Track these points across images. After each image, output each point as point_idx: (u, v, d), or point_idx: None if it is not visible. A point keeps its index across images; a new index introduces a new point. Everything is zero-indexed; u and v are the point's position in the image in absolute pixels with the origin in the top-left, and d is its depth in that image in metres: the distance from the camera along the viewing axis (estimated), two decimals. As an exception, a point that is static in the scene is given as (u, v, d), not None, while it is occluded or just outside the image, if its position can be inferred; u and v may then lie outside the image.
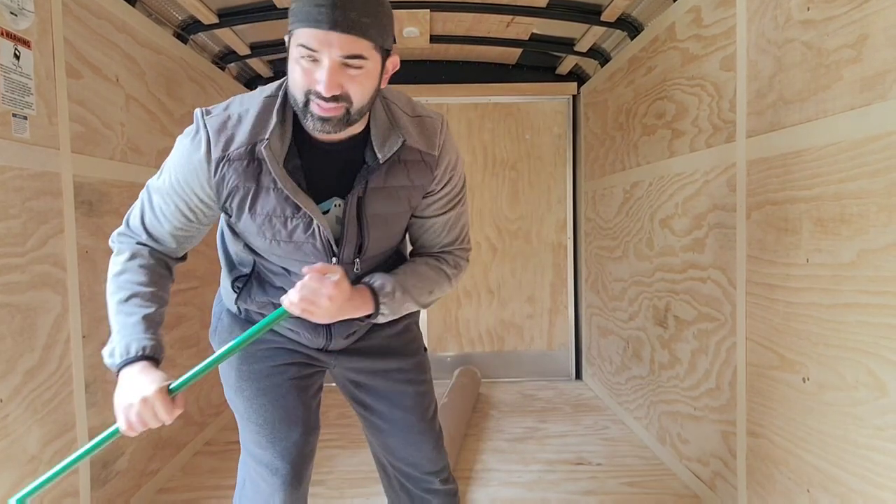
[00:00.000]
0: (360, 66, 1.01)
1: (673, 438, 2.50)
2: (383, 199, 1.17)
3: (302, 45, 0.99)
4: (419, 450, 1.45)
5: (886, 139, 1.31)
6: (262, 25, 3.01)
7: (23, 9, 1.65)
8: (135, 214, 1.22)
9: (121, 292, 1.17)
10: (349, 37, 0.97)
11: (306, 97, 1.02)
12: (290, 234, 1.14)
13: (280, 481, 1.32)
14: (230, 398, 1.39)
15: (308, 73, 1.01)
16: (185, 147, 1.14)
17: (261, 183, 1.11)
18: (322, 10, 0.96)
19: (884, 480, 1.34)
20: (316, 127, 1.04)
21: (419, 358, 1.48)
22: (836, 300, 1.48)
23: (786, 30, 1.66)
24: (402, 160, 1.16)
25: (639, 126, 2.81)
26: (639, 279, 2.86)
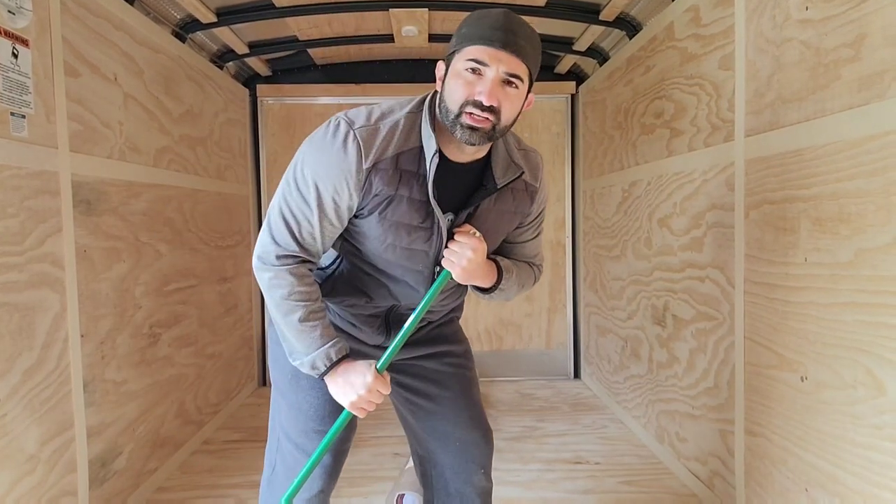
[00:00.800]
0: (516, 87, 1.15)
1: (671, 437, 2.50)
2: (490, 220, 1.30)
3: (472, 59, 1.13)
4: (470, 433, 1.49)
5: (884, 138, 1.31)
6: (261, 24, 3.01)
7: (21, 7, 1.65)
8: (281, 232, 1.23)
9: (297, 311, 1.24)
10: (515, 58, 1.13)
11: (461, 109, 1.14)
12: (411, 241, 1.25)
13: (322, 471, 1.39)
14: (280, 385, 1.43)
15: (470, 85, 1.13)
16: (332, 154, 1.18)
17: (398, 191, 1.20)
18: (497, 32, 1.12)
19: (882, 479, 1.34)
20: (464, 136, 1.15)
21: (467, 346, 1.59)
22: (834, 299, 1.48)
23: (784, 29, 1.67)
24: (511, 188, 1.31)
25: (637, 125, 2.81)
26: (637, 278, 2.86)
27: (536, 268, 1.50)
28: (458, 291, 1.48)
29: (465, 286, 1.45)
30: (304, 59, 3.66)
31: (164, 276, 2.50)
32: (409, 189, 1.21)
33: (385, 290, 1.35)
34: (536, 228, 1.45)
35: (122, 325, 2.16)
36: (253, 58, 3.41)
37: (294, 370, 1.35)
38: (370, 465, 2.52)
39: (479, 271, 1.29)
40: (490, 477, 1.55)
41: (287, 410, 1.41)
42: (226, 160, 3.28)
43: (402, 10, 2.83)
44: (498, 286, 1.36)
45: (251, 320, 3.68)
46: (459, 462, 1.50)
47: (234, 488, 2.37)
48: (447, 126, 1.17)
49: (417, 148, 1.21)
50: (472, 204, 1.26)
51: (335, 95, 3.76)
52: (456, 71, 1.16)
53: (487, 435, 1.53)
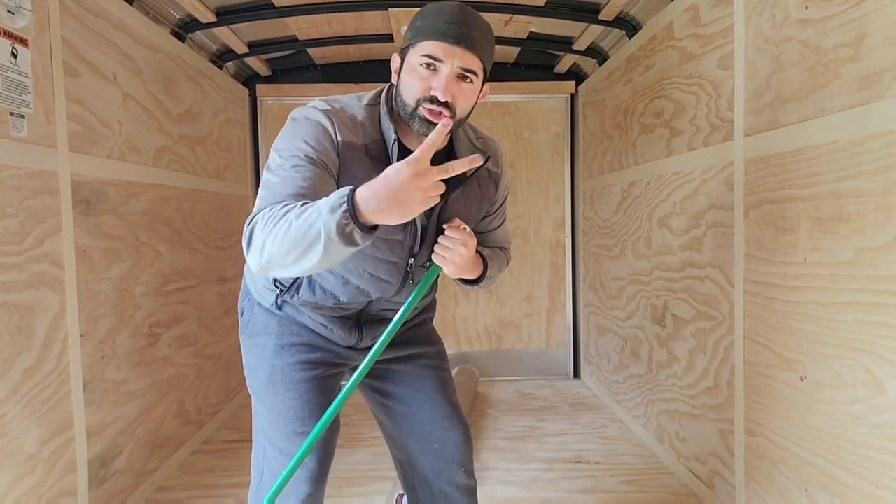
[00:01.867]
0: (471, 81, 1.16)
1: (671, 437, 2.50)
2: (460, 210, 1.31)
3: (426, 55, 1.14)
4: (447, 434, 1.48)
5: (884, 138, 1.31)
6: (261, 24, 3.01)
7: (20, 7, 1.65)
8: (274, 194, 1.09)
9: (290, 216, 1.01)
10: (470, 53, 1.14)
11: (417, 103, 1.15)
12: (388, 231, 1.21)
13: (307, 475, 1.36)
14: (257, 392, 1.42)
15: (425, 80, 1.15)
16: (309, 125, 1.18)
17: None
18: (451, 26, 1.12)
19: (882, 479, 1.34)
20: (421, 129, 1.16)
21: (440, 347, 1.58)
22: (834, 299, 1.48)
23: (784, 28, 1.67)
24: (476, 176, 1.33)
25: (637, 125, 2.81)
26: (637, 278, 2.86)
27: (507, 251, 1.54)
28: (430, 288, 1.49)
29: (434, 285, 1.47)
30: (303, 58, 3.65)
31: (164, 277, 2.50)
32: None
33: (352, 287, 1.32)
34: (502, 215, 1.50)
35: (121, 325, 2.16)
36: (252, 57, 3.41)
37: (269, 374, 1.36)
38: (370, 465, 2.52)
39: (469, 265, 1.29)
40: (472, 474, 1.54)
41: (267, 415, 1.40)
42: (225, 160, 3.27)
43: (401, 10, 2.83)
44: (485, 275, 1.36)
45: (251, 320, 3.67)
46: (440, 463, 1.50)
47: (234, 488, 2.37)
48: (405, 118, 1.19)
49: (381, 139, 1.23)
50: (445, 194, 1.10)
51: (335, 95, 3.75)
52: (411, 65, 1.17)
53: (465, 433, 1.52)
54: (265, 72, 3.71)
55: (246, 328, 1.46)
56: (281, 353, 1.40)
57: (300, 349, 1.40)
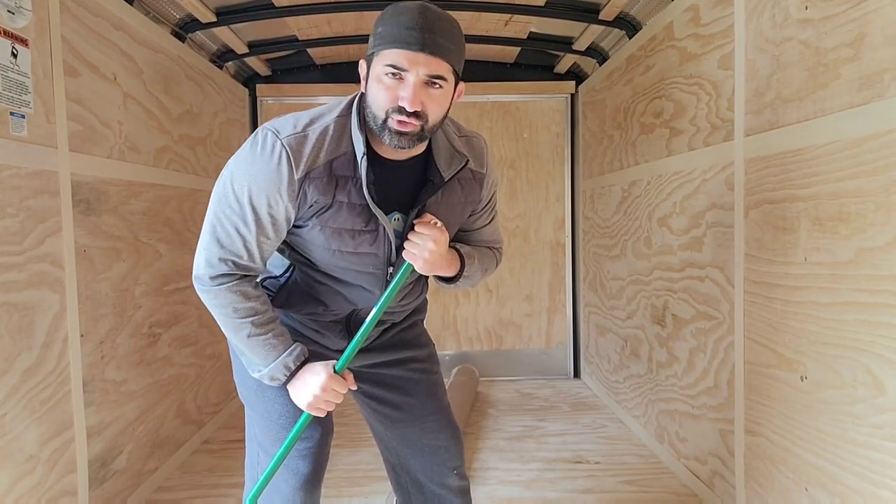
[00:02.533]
0: (440, 87, 1.11)
1: (671, 437, 2.50)
2: (441, 214, 1.27)
3: (390, 65, 1.09)
4: (437, 438, 1.48)
5: (884, 138, 1.31)
6: (261, 24, 3.01)
7: (20, 7, 1.65)
8: (214, 252, 1.21)
9: (245, 328, 1.23)
10: (435, 59, 1.08)
11: (386, 114, 1.11)
12: (357, 245, 1.22)
13: (301, 481, 1.34)
14: (248, 398, 1.40)
15: (391, 90, 1.10)
16: (261, 167, 1.14)
17: (336, 198, 1.17)
18: (413, 32, 1.07)
19: (882, 479, 1.34)
20: (392, 141, 1.12)
21: (431, 349, 1.56)
22: (834, 299, 1.48)
23: (784, 28, 1.67)
24: (458, 178, 1.28)
25: (637, 125, 2.81)
26: (637, 278, 2.86)
27: (497, 251, 1.49)
28: (418, 288, 1.46)
29: (424, 283, 1.46)
30: (303, 58, 3.66)
31: (164, 276, 2.50)
32: (347, 194, 1.18)
33: (340, 296, 1.33)
34: (490, 213, 1.44)
35: (121, 325, 2.16)
36: (252, 57, 3.41)
37: (258, 381, 1.34)
38: (370, 465, 2.52)
39: (441, 262, 1.26)
40: (464, 475, 1.54)
41: (259, 421, 1.38)
42: (225, 160, 3.23)
43: (401, 10, 2.83)
44: (461, 274, 1.33)
45: (251, 320, 3.67)
46: (431, 466, 1.50)
47: (234, 488, 2.37)
48: (375, 130, 1.15)
49: (351, 152, 1.18)
50: (420, 202, 1.24)
51: (335, 95, 3.75)
52: (376, 75, 1.12)
53: (456, 436, 1.51)
54: (265, 72, 3.71)
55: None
56: None
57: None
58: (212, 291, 1.22)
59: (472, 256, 1.37)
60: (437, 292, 3.67)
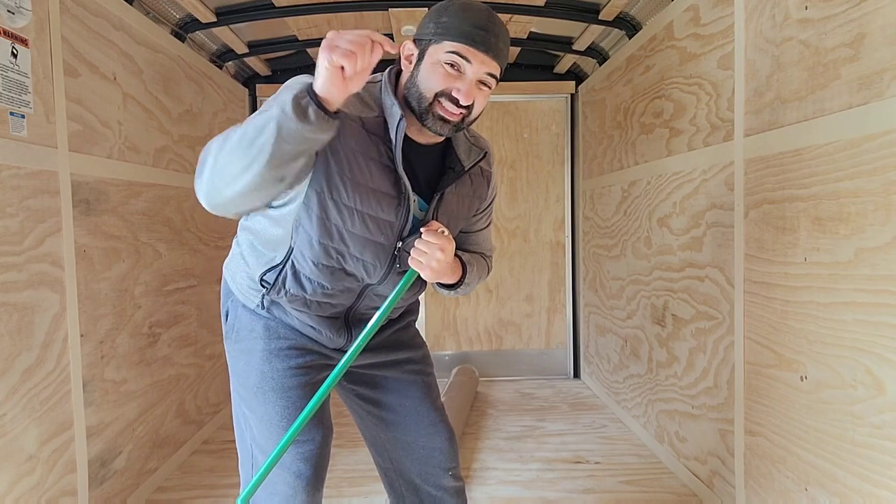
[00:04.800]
0: (489, 86, 1.19)
1: (671, 437, 2.50)
2: (453, 204, 1.31)
3: (456, 54, 1.13)
4: (432, 440, 1.49)
5: (884, 138, 1.31)
6: (261, 24, 3.01)
7: (20, 7, 1.65)
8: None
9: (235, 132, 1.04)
10: (495, 61, 1.16)
11: (435, 97, 1.15)
12: (381, 209, 1.20)
13: (304, 483, 1.32)
14: (246, 399, 1.38)
15: (448, 78, 1.14)
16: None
17: (368, 152, 1.18)
18: (482, 33, 1.13)
19: (881, 478, 1.34)
20: (435, 126, 1.17)
21: (425, 351, 1.58)
22: (833, 299, 1.48)
23: (784, 28, 1.67)
24: (471, 173, 1.33)
25: (637, 125, 2.81)
26: (637, 278, 2.86)
27: (488, 259, 1.51)
28: (418, 286, 1.43)
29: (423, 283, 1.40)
30: (303, 58, 3.65)
31: (164, 276, 2.50)
32: (378, 152, 1.19)
33: (341, 272, 1.27)
34: (489, 217, 1.48)
35: (121, 325, 2.16)
36: (252, 57, 3.40)
37: (259, 382, 1.32)
38: (370, 465, 2.51)
39: (447, 269, 1.26)
40: (459, 476, 1.54)
41: (258, 424, 1.36)
42: (225, 160, 3.27)
43: (401, 10, 2.83)
44: (463, 281, 1.35)
45: (251, 320, 3.67)
46: (427, 468, 1.50)
47: (234, 488, 2.37)
48: (416, 110, 1.17)
49: (380, 117, 1.20)
50: (444, 186, 1.27)
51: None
52: (435, 60, 1.15)
53: (451, 437, 1.52)
54: (265, 72, 3.71)
55: (231, 333, 1.40)
56: (270, 359, 1.35)
57: (290, 354, 1.36)
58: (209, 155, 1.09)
59: (472, 264, 1.39)
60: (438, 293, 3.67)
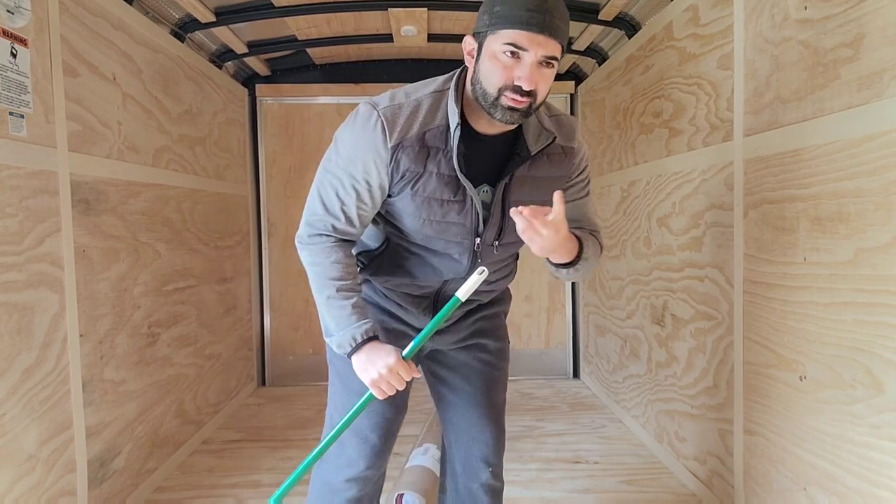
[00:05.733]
0: (552, 66, 1.16)
1: (670, 437, 2.50)
2: (527, 188, 1.31)
3: (510, 44, 1.12)
4: (480, 430, 1.52)
5: (884, 138, 1.31)
6: (260, 24, 3.01)
7: (19, 7, 1.65)
8: (317, 213, 1.28)
9: (326, 289, 1.27)
10: (553, 41, 1.13)
11: (499, 91, 1.15)
12: (445, 214, 1.27)
13: (368, 449, 1.41)
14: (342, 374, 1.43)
15: (508, 68, 1.14)
16: (359, 135, 1.22)
17: (427, 168, 1.23)
18: (534, 15, 1.11)
19: (881, 478, 1.34)
20: (504, 117, 1.17)
21: (503, 344, 1.60)
22: (833, 299, 1.48)
23: (783, 29, 1.67)
24: (546, 153, 1.31)
25: (636, 125, 2.81)
26: (636, 278, 2.86)
27: (597, 235, 1.44)
28: (509, 268, 1.47)
29: (514, 264, 1.48)
30: (303, 58, 3.65)
31: (163, 276, 2.50)
32: (437, 165, 1.23)
33: (429, 267, 1.36)
34: (586, 186, 1.43)
35: (121, 325, 2.16)
36: (252, 57, 3.40)
37: (343, 369, 1.39)
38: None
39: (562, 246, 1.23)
40: (500, 476, 1.56)
41: (346, 395, 1.42)
42: (225, 160, 3.27)
43: (401, 10, 2.83)
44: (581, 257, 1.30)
45: (250, 321, 3.68)
46: (469, 458, 1.53)
47: (234, 488, 2.37)
48: (484, 106, 1.19)
49: (444, 125, 1.23)
50: (507, 173, 1.27)
51: (334, 95, 3.76)
52: (492, 52, 1.15)
53: (500, 435, 1.55)
54: (265, 72, 3.71)
55: None
56: None
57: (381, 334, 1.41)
58: (308, 248, 1.29)
59: (588, 247, 1.33)
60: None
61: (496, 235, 1.32)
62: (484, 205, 1.29)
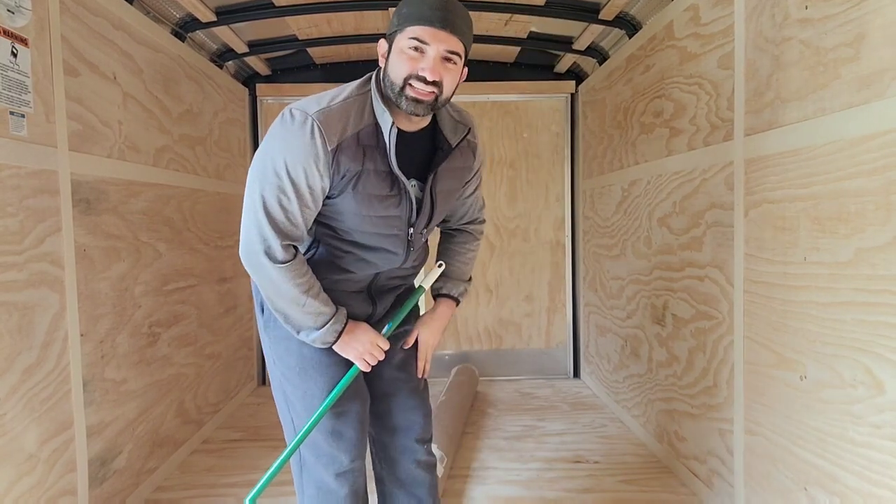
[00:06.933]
0: (454, 63, 1.27)
1: (670, 436, 2.50)
2: (448, 179, 1.44)
3: (415, 38, 1.23)
4: (414, 413, 1.61)
5: (884, 137, 1.31)
6: (261, 23, 3.01)
7: (20, 6, 1.65)
8: (264, 226, 1.28)
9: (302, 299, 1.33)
10: (453, 37, 1.24)
11: (405, 82, 1.25)
12: (386, 209, 1.35)
13: (346, 443, 1.46)
14: (289, 378, 1.47)
15: (413, 61, 1.24)
16: (296, 141, 1.25)
17: (364, 166, 1.30)
18: (437, 13, 1.23)
19: (881, 478, 1.34)
20: (409, 108, 1.26)
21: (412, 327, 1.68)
22: (833, 298, 1.48)
23: (784, 28, 1.67)
24: (458, 146, 1.43)
25: (637, 124, 2.81)
26: (637, 277, 2.86)
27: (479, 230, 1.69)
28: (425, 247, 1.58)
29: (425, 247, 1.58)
30: (303, 58, 3.65)
31: (164, 276, 2.50)
32: (374, 162, 1.30)
33: (363, 262, 1.44)
34: (478, 180, 1.60)
35: (121, 325, 2.16)
36: (252, 57, 3.41)
37: (300, 362, 1.45)
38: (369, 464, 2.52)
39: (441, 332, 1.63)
40: (432, 451, 1.66)
41: (301, 399, 1.46)
42: (225, 160, 3.27)
43: (401, 10, 2.83)
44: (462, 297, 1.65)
45: (251, 320, 3.68)
46: (407, 442, 1.61)
47: (234, 487, 2.37)
48: (393, 98, 1.28)
49: (373, 124, 1.31)
50: (435, 166, 1.39)
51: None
52: (399, 48, 1.26)
53: (429, 414, 1.66)
54: (265, 71, 3.71)
55: (269, 322, 1.49)
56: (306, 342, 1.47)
57: None
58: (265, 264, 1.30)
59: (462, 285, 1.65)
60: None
61: (426, 223, 1.44)
62: (416, 199, 1.39)
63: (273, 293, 1.33)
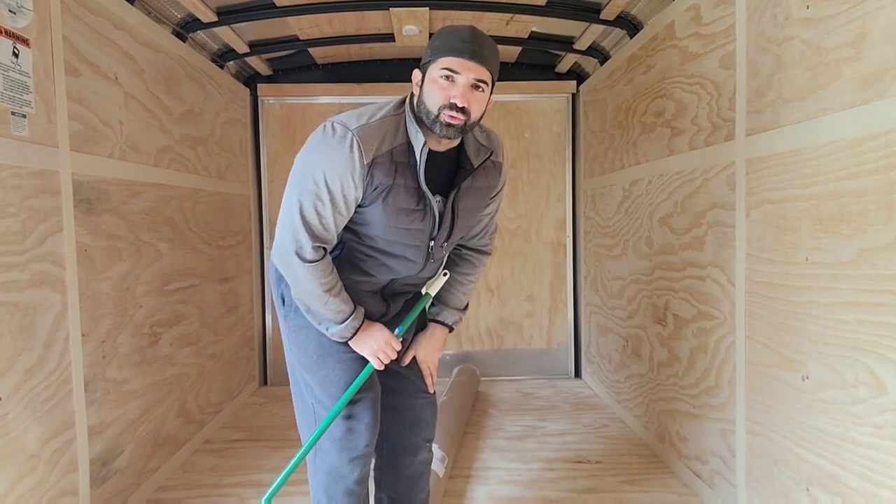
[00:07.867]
0: (482, 90, 1.39)
1: (672, 436, 2.50)
2: (471, 197, 1.54)
3: (445, 68, 1.35)
4: (423, 410, 1.71)
5: (885, 137, 1.31)
6: (262, 24, 3.01)
7: (22, 7, 1.65)
8: (300, 230, 1.40)
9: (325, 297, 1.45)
10: (481, 67, 1.36)
11: (439, 110, 1.36)
12: (410, 222, 1.46)
13: (363, 427, 1.55)
14: (307, 366, 1.58)
15: (445, 90, 1.36)
16: (336, 154, 1.36)
17: (395, 181, 1.40)
18: (467, 45, 1.35)
19: (883, 478, 1.34)
20: (442, 132, 1.37)
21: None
22: (835, 298, 1.48)
23: (785, 28, 1.66)
24: (483, 167, 1.54)
25: (638, 124, 2.81)
26: (638, 277, 2.86)
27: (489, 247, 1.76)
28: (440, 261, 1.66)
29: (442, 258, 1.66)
30: (304, 58, 3.66)
31: (165, 276, 2.50)
32: (404, 178, 1.41)
33: (384, 266, 1.55)
34: (498, 200, 1.70)
35: (122, 325, 2.16)
36: (254, 57, 3.41)
37: (318, 350, 1.56)
38: (371, 465, 2.52)
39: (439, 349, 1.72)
40: (431, 449, 1.77)
41: (318, 385, 1.56)
42: (226, 160, 3.28)
43: (402, 10, 2.83)
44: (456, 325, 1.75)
45: (252, 320, 3.68)
46: (410, 437, 1.70)
47: (236, 487, 2.37)
48: (427, 123, 1.39)
49: (405, 143, 1.42)
50: (457, 184, 1.49)
51: (336, 95, 3.76)
52: (432, 78, 1.38)
53: (435, 413, 1.75)
54: (266, 71, 3.71)
55: (290, 312, 1.60)
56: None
57: None
58: (297, 264, 1.41)
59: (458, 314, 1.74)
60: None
61: (446, 237, 1.53)
62: (439, 213, 1.49)
63: (299, 289, 1.46)
